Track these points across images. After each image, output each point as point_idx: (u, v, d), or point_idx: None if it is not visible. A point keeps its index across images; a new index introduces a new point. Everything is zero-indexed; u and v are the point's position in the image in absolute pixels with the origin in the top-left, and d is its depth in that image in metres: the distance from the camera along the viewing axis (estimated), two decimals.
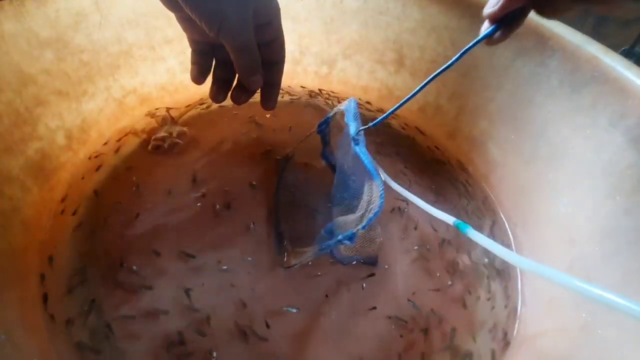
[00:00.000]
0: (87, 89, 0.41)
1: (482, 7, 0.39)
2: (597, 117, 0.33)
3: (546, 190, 0.37)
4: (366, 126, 0.32)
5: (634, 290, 0.26)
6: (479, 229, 0.40)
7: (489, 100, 0.43)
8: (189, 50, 0.35)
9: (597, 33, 0.33)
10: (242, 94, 0.35)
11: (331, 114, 0.37)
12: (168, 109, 0.46)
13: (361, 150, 0.30)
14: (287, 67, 0.53)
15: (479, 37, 0.26)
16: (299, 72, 0.54)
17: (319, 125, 0.39)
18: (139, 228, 0.35)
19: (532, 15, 0.37)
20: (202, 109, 0.48)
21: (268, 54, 0.34)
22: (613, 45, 0.33)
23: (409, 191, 0.36)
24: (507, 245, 0.39)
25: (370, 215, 0.27)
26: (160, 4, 0.31)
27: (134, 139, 0.43)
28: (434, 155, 0.48)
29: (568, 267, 0.32)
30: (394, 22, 0.47)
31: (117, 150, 0.42)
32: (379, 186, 0.28)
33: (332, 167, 0.41)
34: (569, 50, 0.34)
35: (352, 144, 0.31)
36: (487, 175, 0.44)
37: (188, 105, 0.48)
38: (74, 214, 0.36)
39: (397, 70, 0.50)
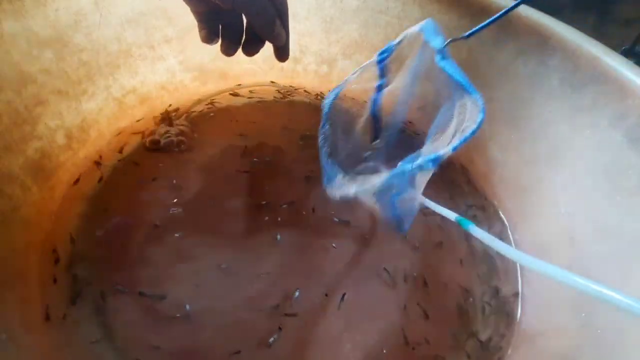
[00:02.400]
0: (86, 88, 0.41)
1: (482, 6, 0.39)
2: (597, 117, 0.33)
3: (546, 190, 0.37)
4: (458, 37, 0.27)
5: (634, 291, 0.26)
6: (479, 228, 0.40)
7: (489, 100, 0.42)
8: (188, 50, 0.35)
9: (597, 33, 0.33)
10: (253, 47, 0.35)
11: (397, 41, 0.32)
12: (167, 109, 0.46)
13: (450, 64, 0.26)
14: (287, 66, 0.54)
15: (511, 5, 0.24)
16: (299, 72, 0.54)
17: (380, 54, 0.34)
18: (140, 227, 0.35)
19: (533, 14, 0.37)
20: (202, 108, 0.48)
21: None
22: (613, 45, 0.33)
23: None
24: (507, 244, 0.39)
25: (465, 134, 0.23)
26: (160, 4, 0.30)
27: (133, 138, 0.43)
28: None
29: (568, 266, 0.32)
30: (394, 21, 0.47)
31: (116, 150, 0.42)
32: (478, 100, 0.23)
33: (375, 117, 0.36)
34: (570, 50, 0.34)
35: (437, 58, 0.26)
36: (487, 175, 0.44)
37: (182, 106, 0.48)
38: (73, 213, 0.36)
39: (397, 69, 0.50)
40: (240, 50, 0.36)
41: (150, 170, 0.40)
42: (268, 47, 0.36)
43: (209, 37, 0.34)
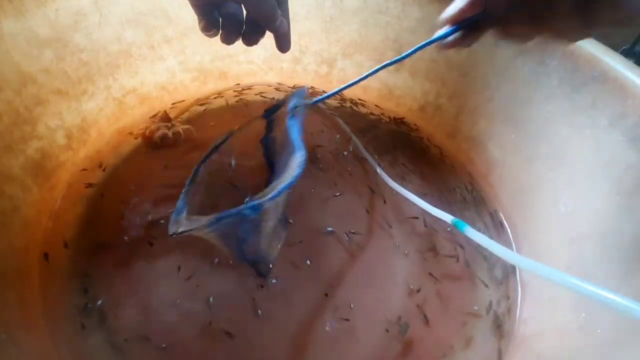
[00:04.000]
0: (86, 88, 0.41)
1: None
2: (597, 117, 0.33)
3: (546, 190, 0.37)
4: (305, 103, 0.30)
5: (634, 291, 0.26)
6: (479, 228, 0.40)
7: (489, 100, 0.43)
8: (188, 50, 0.35)
9: (597, 33, 0.33)
10: (253, 37, 0.35)
11: (280, 101, 0.35)
12: (167, 110, 0.46)
13: (292, 123, 0.28)
14: (287, 66, 0.54)
15: (433, 38, 0.26)
16: (299, 71, 0.54)
17: (266, 111, 0.36)
18: (140, 226, 0.35)
19: None
20: (202, 108, 0.48)
21: None
22: (613, 45, 0.33)
23: (408, 190, 0.36)
24: (507, 245, 0.39)
25: (281, 185, 0.23)
26: (160, 4, 0.30)
27: (133, 138, 0.43)
28: (433, 155, 0.48)
29: (568, 267, 0.32)
30: (394, 21, 0.47)
31: (116, 149, 0.42)
32: (300, 157, 0.24)
33: (268, 161, 0.38)
34: (569, 50, 0.34)
35: (288, 117, 0.29)
36: (487, 175, 0.44)
37: (182, 106, 0.48)
38: (73, 212, 0.36)
39: (397, 69, 0.50)
40: (237, 51, 0.36)
41: (150, 170, 0.40)
42: (268, 47, 0.36)
43: (207, 28, 0.34)
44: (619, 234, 0.29)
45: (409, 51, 0.28)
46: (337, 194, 0.40)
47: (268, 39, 0.34)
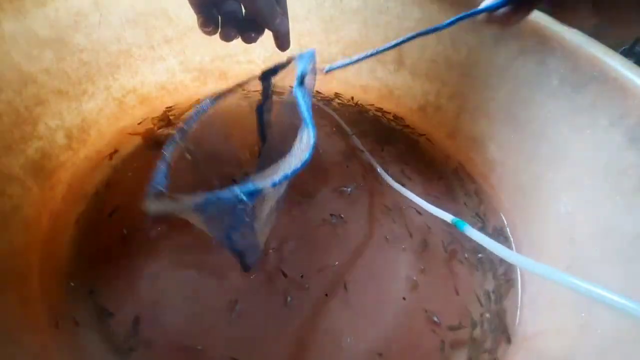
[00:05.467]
0: (86, 88, 0.41)
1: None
2: (597, 117, 0.33)
3: (546, 190, 0.37)
4: (315, 69, 0.27)
5: (634, 291, 0.26)
6: (479, 228, 0.40)
7: (489, 100, 0.43)
8: (188, 50, 0.35)
9: (597, 33, 0.33)
10: (251, 34, 0.34)
11: (281, 63, 0.32)
12: (167, 110, 0.46)
13: (301, 93, 0.25)
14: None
15: (480, 7, 0.23)
16: None
17: (264, 72, 0.33)
18: (140, 226, 0.35)
19: (533, 14, 0.37)
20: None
21: None
22: (613, 45, 0.33)
23: (408, 189, 0.37)
24: (507, 244, 0.39)
25: (287, 172, 0.20)
26: (160, 4, 0.30)
27: (133, 138, 0.43)
28: (433, 155, 0.48)
29: (568, 267, 0.32)
30: (394, 21, 0.47)
31: (116, 150, 0.42)
32: (311, 137, 0.21)
33: (261, 132, 0.35)
34: (569, 50, 0.34)
35: (295, 84, 0.25)
36: (487, 175, 0.44)
37: (182, 106, 0.48)
38: (73, 213, 0.36)
39: (397, 69, 0.50)
40: (237, 51, 0.36)
41: (150, 170, 0.40)
42: (268, 47, 0.36)
43: (206, 24, 0.34)
44: (619, 234, 0.29)
45: (451, 19, 0.24)
46: (337, 192, 0.40)
47: (268, 39, 0.34)
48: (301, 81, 0.26)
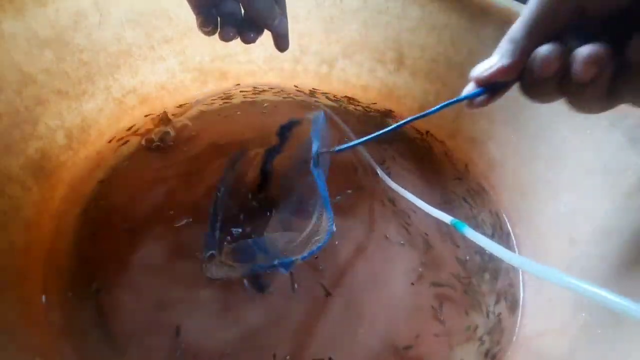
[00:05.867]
0: (86, 88, 0.41)
1: (482, 6, 0.39)
2: (597, 117, 0.32)
3: (546, 190, 0.37)
4: (329, 151, 0.31)
5: (634, 291, 0.26)
6: (479, 228, 0.40)
7: None
8: (188, 50, 0.35)
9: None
10: (250, 35, 0.34)
11: (296, 120, 0.36)
12: (167, 110, 0.46)
13: (318, 174, 0.29)
14: (287, 66, 0.54)
15: (461, 96, 0.26)
16: (299, 72, 0.53)
17: (281, 127, 0.37)
18: (140, 227, 0.35)
19: None
20: (202, 108, 0.48)
21: None
22: None
23: (407, 190, 0.36)
24: (507, 245, 0.39)
25: (314, 247, 0.26)
26: (160, 4, 0.30)
27: (133, 138, 0.43)
28: (433, 155, 0.48)
29: (568, 266, 0.32)
30: (394, 21, 0.47)
31: (116, 150, 0.42)
32: (329, 219, 0.26)
33: (263, 171, 0.39)
34: None
35: (312, 163, 0.30)
36: (487, 175, 0.44)
37: (182, 106, 0.48)
38: (74, 213, 0.36)
39: (397, 69, 0.50)
40: (237, 51, 0.35)
41: (150, 170, 0.40)
42: (268, 47, 0.36)
43: (205, 24, 0.34)
44: (619, 234, 0.29)
45: (437, 107, 0.27)
46: (337, 196, 0.40)
47: (268, 39, 0.34)
48: (317, 161, 0.30)
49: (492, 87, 0.24)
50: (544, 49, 0.20)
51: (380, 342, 0.31)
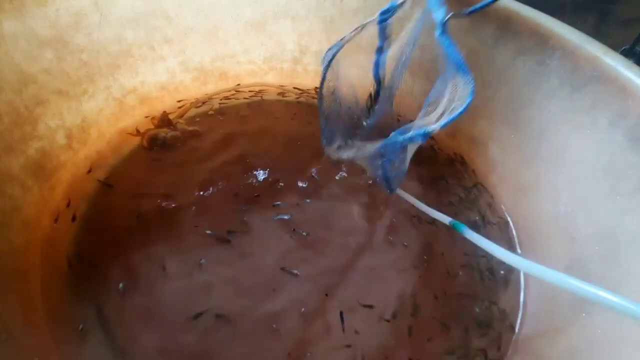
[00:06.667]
0: (87, 88, 0.41)
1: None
2: (597, 117, 0.33)
3: (546, 190, 0.37)
4: (460, 13, 0.27)
5: (634, 291, 0.26)
6: (479, 229, 0.40)
7: (489, 100, 0.43)
8: (188, 50, 0.35)
9: (597, 32, 0.33)
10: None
11: (400, 1, 0.31)
12: (167, 110, 0.46)
13: (447, 41, 0.25)
14: (287, 66, 0.54)
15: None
16: (299, 71, 0.53)
17: (381, 13, 0.33)
18: (140, 226, 0.35)
19: (533, 14, 0.37)
20: (201, 108, 0.48)
21: None
22: (613, 45, 0.33)
23: (407, 191, 0.36)
24: (508, 245, 0.39)
25: (453, 114, 0.23)
26: (160, 4, 0.30)
27: (133, 138, 0.43)
28: (434, 155, 0.48)
29: (568, 267, 0.32)
30: (394, 21, 0.47)
31: (116, 150, 0.42)
32: (469, 82, 0.24)
33: (376, 75, 0.36)
34: (569, 50, 0.34)
35: (438, 32, 0.26)
36: (487, 175, 0.44)
37: (182, 106, 0.48)
38: (74, 213, 0.36)
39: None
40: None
41: (150, 169, 0.40)
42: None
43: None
44: (619, 234, 0.29)
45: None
46: (337, 197, 0.40)
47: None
48: (444, 29, 0.26)
49: None
50: None
51: (379, 340, 0.31)
